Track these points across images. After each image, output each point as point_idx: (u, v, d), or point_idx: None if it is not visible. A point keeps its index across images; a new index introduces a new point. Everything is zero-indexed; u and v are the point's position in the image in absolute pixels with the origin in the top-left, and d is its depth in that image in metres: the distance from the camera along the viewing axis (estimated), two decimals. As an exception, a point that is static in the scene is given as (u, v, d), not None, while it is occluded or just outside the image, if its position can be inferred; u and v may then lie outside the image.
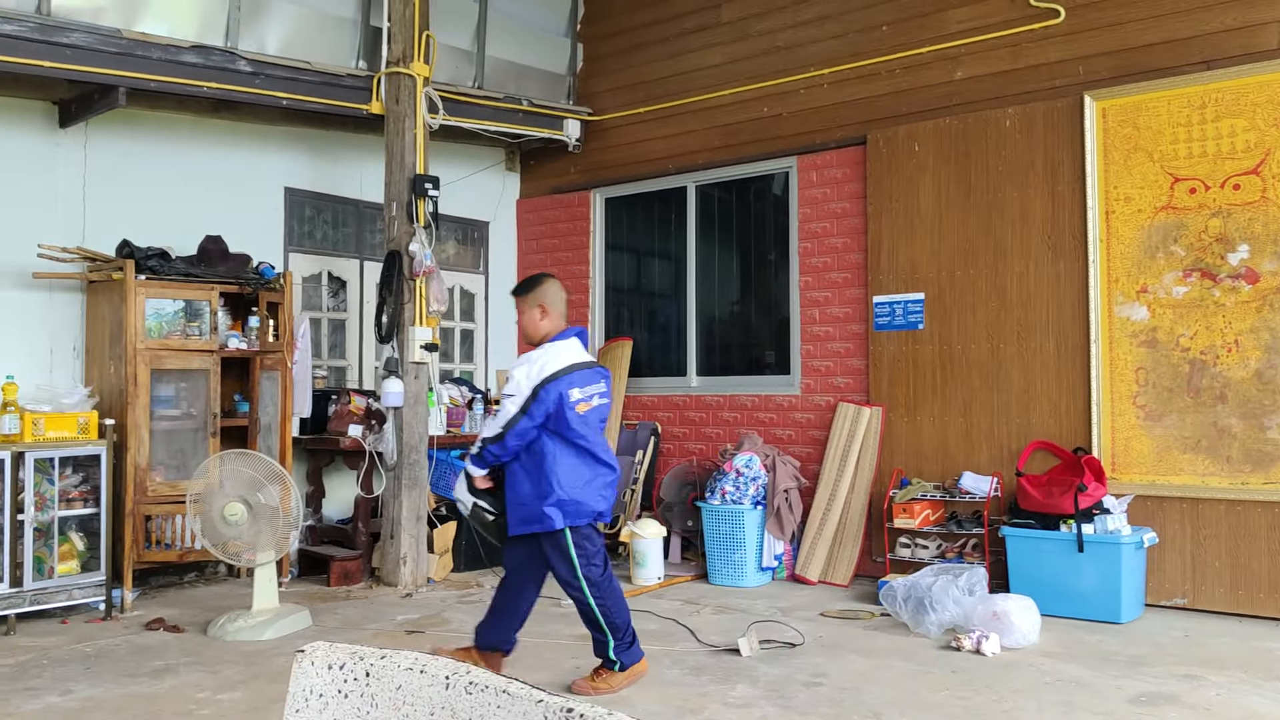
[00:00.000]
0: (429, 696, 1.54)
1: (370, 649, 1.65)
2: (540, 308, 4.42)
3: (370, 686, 1.61)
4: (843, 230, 7.06)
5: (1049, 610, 5.41)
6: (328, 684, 1.65)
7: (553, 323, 4.43)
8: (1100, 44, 6.09)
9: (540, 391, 4.21)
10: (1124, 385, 5.94)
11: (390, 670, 1.59)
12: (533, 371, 4.25)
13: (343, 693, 1.63)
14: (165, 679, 4.49)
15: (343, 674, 1.64)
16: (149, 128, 6.64)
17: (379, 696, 1.59)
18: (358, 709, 1.61)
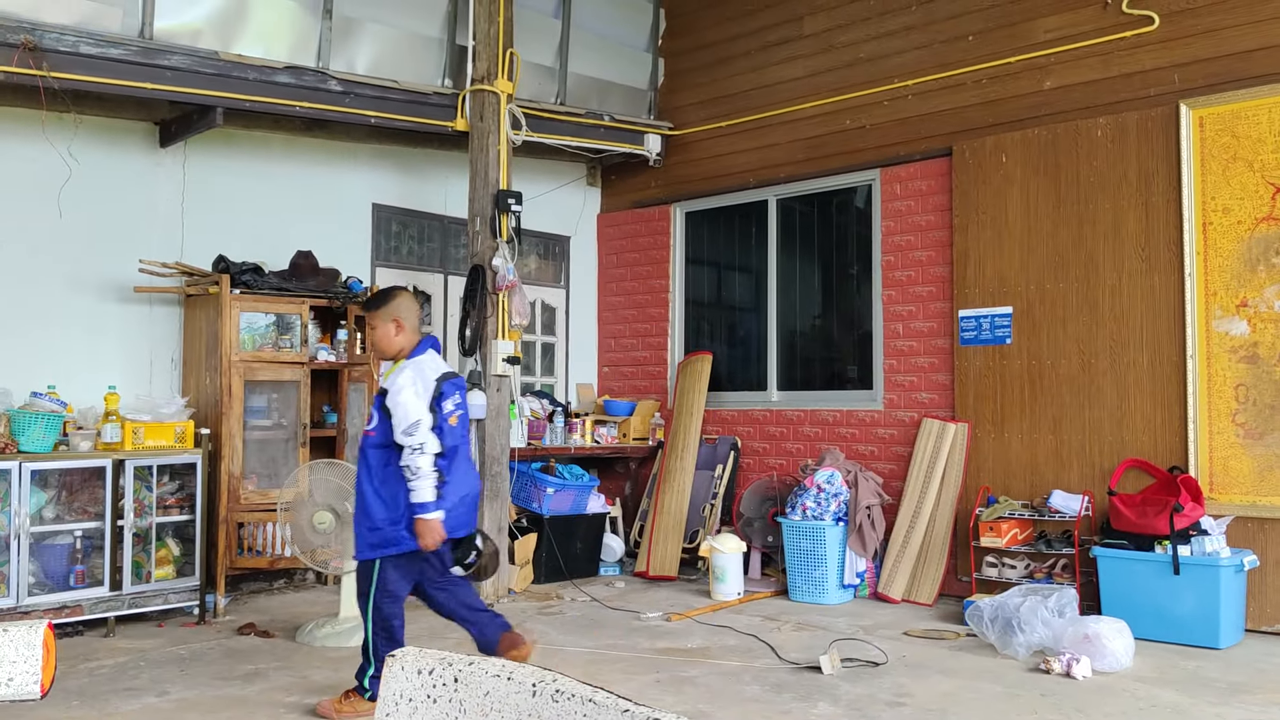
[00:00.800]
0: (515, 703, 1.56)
1: (459, 655, 1.68)
2: (395, 322, 4.28)
3: (458, 692, 1.63)
4: (927, 243, 6.95)
5: (1142, 634, 5.23)
6: (417, 689, 1.68)
7: (407, 337, 4.31)
8: (1196, 51, 5.91)
9: (431, 404, 4.10)
10: (1222, 402, 5.73)
11: (478, 676, 1.61)
12: (419, 391, 4.10)
13: (431, 698, 1.66)
14: (256, 682, 4.61)
15: (432, 679, 1.66)
16: (244, 147, 6.87)
17: (467, 702, 1.61)
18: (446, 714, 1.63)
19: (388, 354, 4.33)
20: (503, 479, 6.65)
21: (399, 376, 4.17)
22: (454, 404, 4.20)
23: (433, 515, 4.05)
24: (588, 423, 7.88)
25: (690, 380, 8.05)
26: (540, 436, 7.51)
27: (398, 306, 4.32)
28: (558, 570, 7.07)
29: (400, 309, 4.32)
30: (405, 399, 4.08)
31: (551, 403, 7.96)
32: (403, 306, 4.33)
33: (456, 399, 4.23)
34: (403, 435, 4.06)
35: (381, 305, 4.34)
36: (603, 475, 8.05)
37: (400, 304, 4.33)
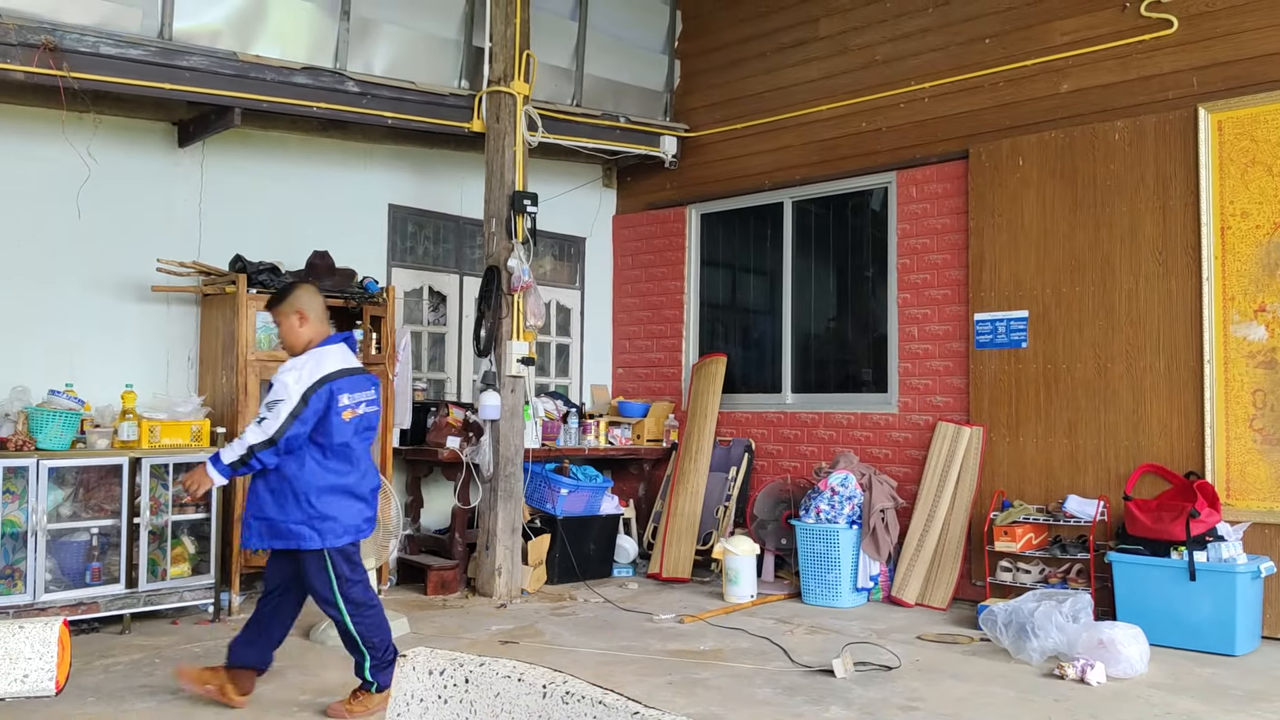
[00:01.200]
0: (526, 705, 1.56)
1: (470, 656, 1.68)
2: (298, 314, 4.24)
3: (469, 693, 1.64)
4: (943, 246, 6.93)
5: (1157, 640, 5.20)
6: (428, 689, 1.69)
7: (314, 329, 4.26)
8: (1215, 54, 5.87)
9: (310, 397, 4.04)
10: (1240, 408, 5.68)
11: (489, 677, 1.62)
12: (303, 376, 4.06)
13: (442, 698, 1.67)
14: (269, 681, 4.62)
15: (443, 680, 1.67)
16: (261, 147, 6.91)
17: (478, 703, 1.62)
18: (457, 714, 1.64)
19: (295, 348, 4.25)
20: (517, 479, 6.67)
21: (290, 362, 4.16)
22: (350, 399, 4.15)
23: (215, 473, 4.05)
24: (602, 424, 7.89)
25: (705, 382, 8.05)
26: (554, 437, 7.53)
27: (298, 299, 4.27)
28: (571, 571, 7.07)
29: (301, 301, 4.27)
30: (285, 379, 4.06)
31: (566, 404, 7.97)
32: (303, 299, 4.28)
33: (356, 395, 4.18)
34: (262, 406, 4.04)
35: (283, 300, 4.28)
36: (616, 477, 8.06)
37: (301, 297, 4.28)
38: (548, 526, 7.05)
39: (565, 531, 7.07)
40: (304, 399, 4.03)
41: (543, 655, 5.08)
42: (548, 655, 5.09)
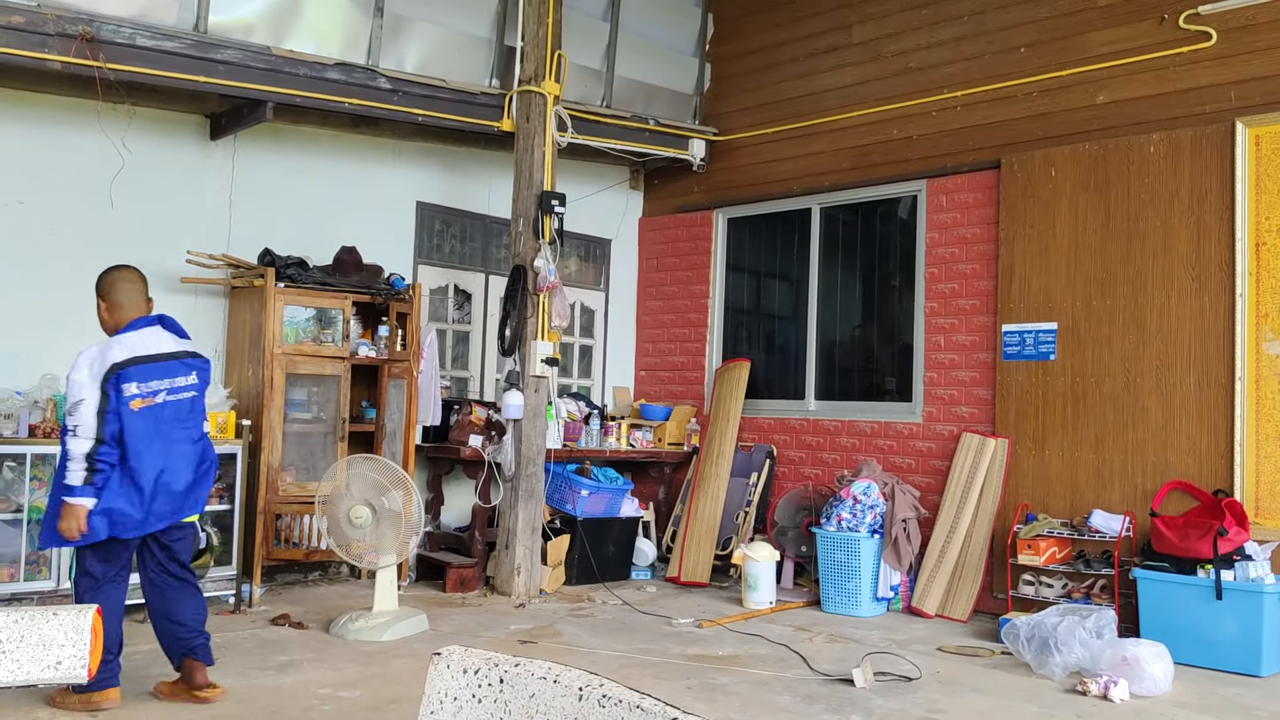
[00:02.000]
0: (561, 707, 1.55)
1: (505, 656, 1.68)
2: (101, 303, 4.15)
3: (504, 693, 1.63)
4: (972, 256, 6.89)
5: (1182, 659, 5.14)
6: (462, 688, 1.68)
7: (115, 314, 4.13)
8: (1255, 68, 5.81)
9: (105, 386, 3.93)
10: (1271, 426, 5.62)
11: (524, 678, 1.61)
12: (94, 368, 3.94)
13: (476, 697, 1.66)
14: (290, 673, 4.64)
15: (477, 679, 1.66)
16: (292, 142, 6.94)
17: (512, 704, 1.61)
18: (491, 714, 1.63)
19: (106, 334, 4.15)
20: (538, 479, 6.67)
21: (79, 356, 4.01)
22: (138, 389, 3.99)
23: (78, 500, 3.87)
24: (623, 426, 7.88)
25: (727, 387, 8.02)
26: (576, 438, 7.52)
27: (102, 284, 4.17)
28: (589, 572, 7.07)
29: (103, 287, 4.16)
30: (74, 377, 3.94)
31: (588, 405, 7.97)
32: (105, 284, 4.17)
33: (151, 384, 4.03)
34: (65, 414, 3.93)
35: (96, 286, 4.20)
36: (637, 479, 8.05)
37: (105, 282, 4.18)
38: (567, 527, 7.05)
39: (585, 533, 7.06)
40: (102, 390, 3.92)
41: (561, 656, 5.07)
42: (566, 656, 5.08)
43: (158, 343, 4.14)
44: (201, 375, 4.27)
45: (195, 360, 4.26)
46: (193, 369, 4.22)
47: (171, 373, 4.12)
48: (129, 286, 4.20)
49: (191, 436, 4.19)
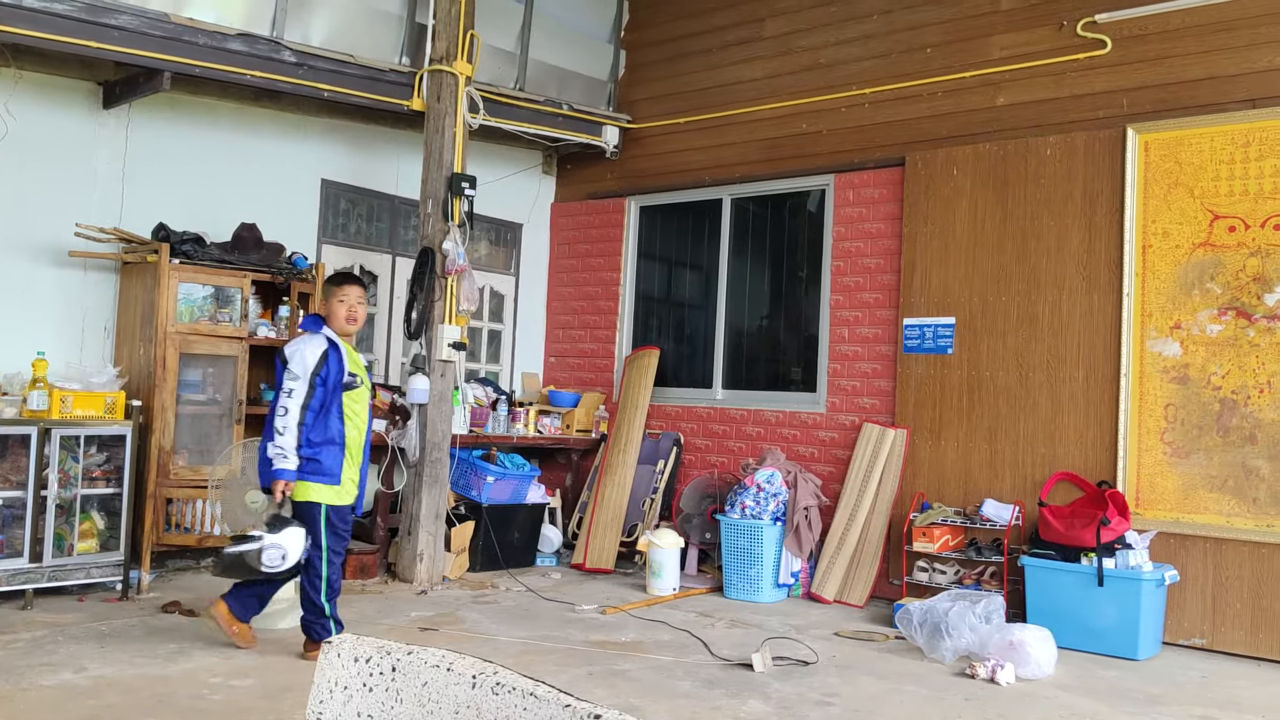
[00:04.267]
0: (454, 695, 1.54)
1: (397, 644, 1.65)
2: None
3: (396, 681, 1.61)
4: (876, 251, 7.03)
5: (1065, 643, 5.35)
6: (353, 676, 1.65)
7: None
8: (1145, 77, 6.05)
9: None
10: (1152, 420, 5.88)
11: (417, 666, 1.59)
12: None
13: (368, 686, 1.64)
14: (179, 661, 4.51)
15: (369, 667, 1.64)
16: (191, 113, 6.70)
17: (404, 692, 1.59)
18: (382, 703, 1.61)
19: None
20: (443, 465, 6.59)
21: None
22: None
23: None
24: (531, 412, 7.85)
25: (636, 374, 8.05)
26: (483, 424, 7.46)
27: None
28: (494, 559, 7.02)
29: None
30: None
31: (496, 390, 7.91)
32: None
33: None
34: None
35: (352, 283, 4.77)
36: (544, 465, 8.02)
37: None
38: (472, 513, 6.99)
39: (490, 519, 7.02)
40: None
41: (462, 643, 5.04)
42: (467, 644, 5.04)
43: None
44: (279, 369, 4.62)
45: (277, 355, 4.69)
46: (277, 364, 4.66)
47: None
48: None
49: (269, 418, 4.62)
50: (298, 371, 4.53)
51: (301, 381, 4.52)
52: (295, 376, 4.52)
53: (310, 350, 4.57)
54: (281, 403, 4.51)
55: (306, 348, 4.58)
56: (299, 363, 4.54)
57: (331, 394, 4.62)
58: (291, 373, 4.53)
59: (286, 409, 4.49)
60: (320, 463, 4.59)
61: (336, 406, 4.64)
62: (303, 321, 4.70)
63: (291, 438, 4.49)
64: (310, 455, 4.56)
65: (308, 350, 4.57)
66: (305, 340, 4.64)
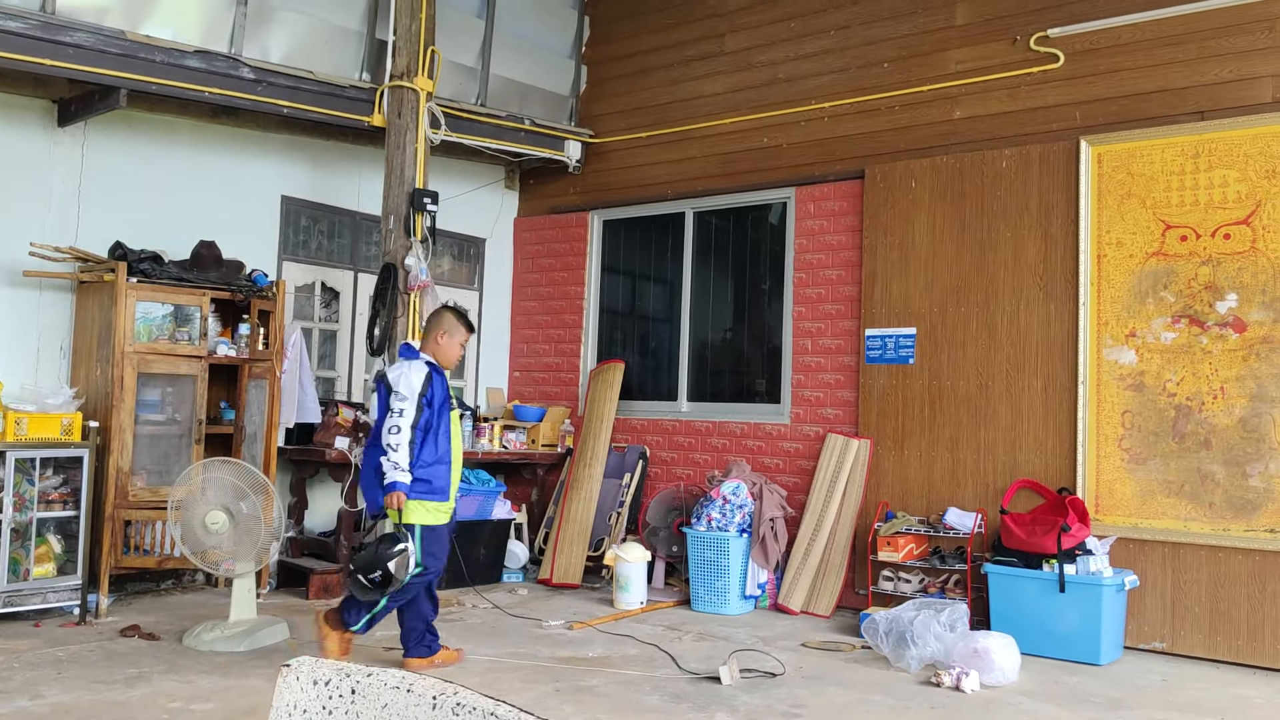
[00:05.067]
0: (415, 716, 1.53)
1: (357, 666, 1.64)
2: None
3: (355, 704, 1.59)
4: (838, 263, 7.09)
5: (1029, 649, 5.40)
6: (312, 699, 1.63)
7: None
8: (1097, 90, 6.16)
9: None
10: (1110, 427, 5.97)
11: (377, 688, 1.58)
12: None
13: (327, 709, 1.62)
14: (138, 686, 4.44)
15: (328, 690, 1.62)
16: (148, 130, 6.64)
17: (364, 714, 1.58)
18: (341, 726, 1.59)
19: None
20: (406, 482, 6.54)
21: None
22: None
23: None
24: (496, 427, 7.82)
25: (602, 388, 8.05)
26: (446, 440, 7.41)
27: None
28: (459, 576, 6.97)
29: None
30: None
31: (461, 406, 7.85)
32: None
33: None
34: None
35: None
36: (509, 481, 7.99)
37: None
38: (437, 530, 6.93)
39: (455, 536, 6.96)
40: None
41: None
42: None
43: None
44: (381, 392, 4.86)
45: (380, 379, 4.93)
46: (379, 387, 4.91)
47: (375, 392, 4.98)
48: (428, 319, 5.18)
49: (372, 441, 4.91)
50: (405, 393, 4.74)
51: (410, 402, 4.73)
52: (404, 398, 4.73)
53: (415, 373, 4.79)
54: (393, 421, 4.71)
55: (410, 371, 4.81)
56: (406, 385, 4.75)
57: (438, 415, 4.84)
58: (400, 394, 4.73)
59: (399, 427, 4.70)
60: (430, 482, 4.81)
61: (444, 427, 4.88)
62: (401, 349, 5.04)
63: (405, 454, 4.69)
64: (422, 475, 4.76)
65: (413, 374, 4.79)
66: (407, 365, 4.85)
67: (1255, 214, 5.61)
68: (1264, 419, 5.52)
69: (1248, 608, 5.48)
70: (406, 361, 4.90)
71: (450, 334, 5.06)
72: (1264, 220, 5.58)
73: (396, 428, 4.70)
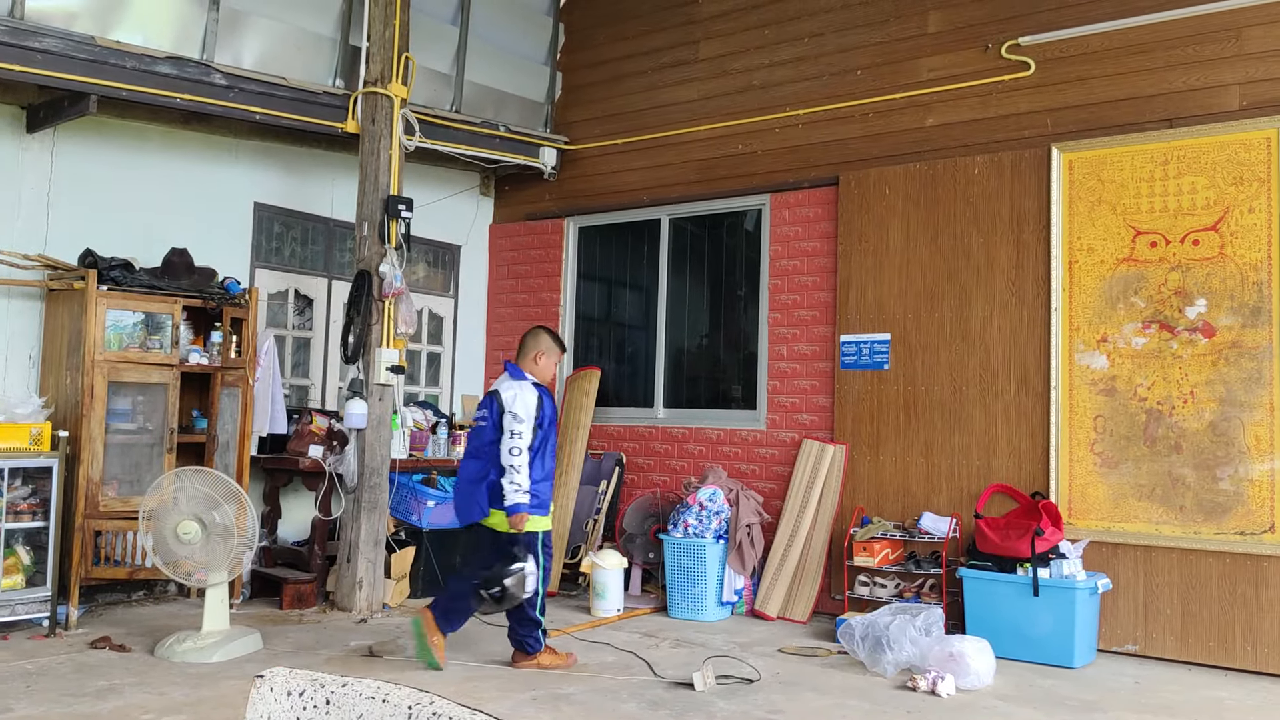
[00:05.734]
0: (390, 726, 1.52)
1: (332, 676, 1.63)
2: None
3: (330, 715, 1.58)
4: (812, 269, 7.12)
5: (1004, 653, 5.44)
6: (286, 711, 1.62)
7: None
8: (1068, 98, 6.22)
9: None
10: (1082, 432, 6.02)
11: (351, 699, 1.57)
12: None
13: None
14: (109, 699, 4.38)
15: (302, 700, 1.61)
16: (119, 137, 6.57)
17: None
18: (316, 737, 1.58)
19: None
20: (382, 490, 6.51)
21: None
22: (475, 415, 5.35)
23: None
24: (471, 435, 7.77)
25: (578, 395, 8.04)
26: (423, 448, 7.38)
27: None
28: (436, 584, 6.93)
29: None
30: None
31: (436, 414, 7.83)
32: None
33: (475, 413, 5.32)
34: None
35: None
36: (485, 488, 7.94)
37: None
38: (413, 539, 6.90)
39: (431, 544, 6.93)
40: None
41: (403, 671, 4.97)
42: (409, 671, 4.98)
43: (497, 383, 5.24)
44: (492, 408, 5.12)
45: (492, 396, 5.18)
46: (490, 403, 5.15)
47: (482, 405, 5.23)
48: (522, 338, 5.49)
49: (475, 453, 5.17)
50: (522, 415, 5.03)
51: (527, 425, 5.03)
52: (520, 419, 5.02)
53: (529, 395, 5.09)
54: (514, 444, 4.99)
55: (524, 393, 5.10)
56: (522, 407, 5.04)
57: (546, 433, 5.16)
58: (517, 417, 5.02)
59: (519, 449, 4.99)
60: (538, 497, 5.09)
61: (550, 447, 5.21)
62: (510, 369, 5.29)
63: (526, 476, 4.98)
64: (531, 491, 5.03)
65: (527, 395, 5.09)
66: (519, 387, 5.13)
67: (1223, 220, 5.68)
68: (1233, 423, 5.59)
69: (1218, 609, 5.54)
70: (517, 382, 5.16)
71: (547, 355, 5.37)
72: (1232, 226, 5.66)
73: (518, 449, 4.98)
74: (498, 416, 5.08)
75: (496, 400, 5.11)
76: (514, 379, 5.18)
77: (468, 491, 5.13)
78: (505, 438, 5.01)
